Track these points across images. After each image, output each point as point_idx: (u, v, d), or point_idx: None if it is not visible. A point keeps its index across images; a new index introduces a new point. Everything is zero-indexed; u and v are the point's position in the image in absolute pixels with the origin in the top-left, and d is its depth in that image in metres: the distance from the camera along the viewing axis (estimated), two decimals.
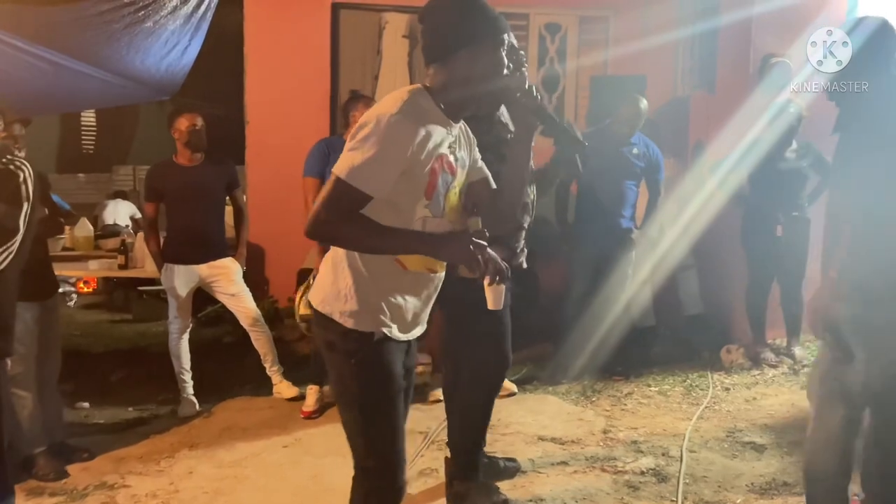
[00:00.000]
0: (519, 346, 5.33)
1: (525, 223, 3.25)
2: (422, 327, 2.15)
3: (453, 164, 2.01)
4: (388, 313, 2.00)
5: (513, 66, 2.83)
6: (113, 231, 8.05)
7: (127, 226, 8.76)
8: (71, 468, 3.61)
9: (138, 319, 7.05)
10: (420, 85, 2.00)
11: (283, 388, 4.62)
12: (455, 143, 2.02)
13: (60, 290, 4.33)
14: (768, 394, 4.57)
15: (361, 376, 2.01)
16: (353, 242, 1.93)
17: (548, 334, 5.31)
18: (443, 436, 3.52)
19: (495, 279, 1.92)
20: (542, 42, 6.54)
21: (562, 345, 4.93)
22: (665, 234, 5.32)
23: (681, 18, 6.17)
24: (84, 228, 6.40)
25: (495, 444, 3.81)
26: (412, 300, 2.05)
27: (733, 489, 3.31)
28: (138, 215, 9.09)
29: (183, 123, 4.38)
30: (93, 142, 13.60)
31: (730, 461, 3.62)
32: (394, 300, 2.01)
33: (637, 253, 5.02)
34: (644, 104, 4.89)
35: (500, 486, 3.30)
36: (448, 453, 3.33)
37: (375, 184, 1.84)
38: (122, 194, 9.94)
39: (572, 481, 3.42)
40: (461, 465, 3.21)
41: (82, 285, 8.26)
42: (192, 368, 4.55)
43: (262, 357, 4.65)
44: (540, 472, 3.51)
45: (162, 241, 4.55)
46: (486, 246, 1.88)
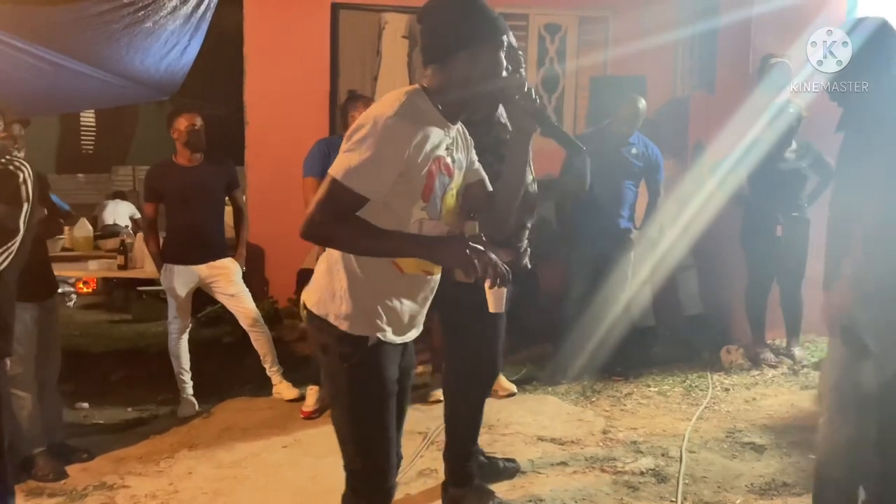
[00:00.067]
0: (518, 347, 5.40)
1: (528, 223, 3.23)
2: (418, 329, 2.13)
3: (450, 166, 1.99)
4: (383, 316, 1.99)
5: (511, 66, 2.83)
6: (112, 231, 8.05)
7: (126, 226, 8.76)
8: (70, 469, 3.61)
9: (138, 320, 7.05)
10: (418, 86, 1.98)
11: (283, 389, 4.62)
12: (452, 144, 2.00)
13: (60, 290, 4.33)
14: (768, 394, 4.57)
15: (354, 380, 2.00)
16: (349, 245, 1.91)
17: (547, 334, 5.31)
18: (442, 436, 3.51)
19: (496, 282, 1.90)
20: (541, 42, 6.54)
21: (561, 345, 4.93)
22: (665, 234, 5.33)
23: (680, 19, 6.17)
24: (83, 229, 6.40)
25: (495, 444, 3.81)
26: (408, 303, 2.03)
27: (733, 489, 3.31)
28: (138, 215, 9.10)
29: (182, 123, 4.38)
30: (92, 142, 13.61)
31: (729, 461, 3.62)
32: (389, 303, 1.99)
33: (636, 253, 5.02)
34: (643, 104, 4.89)
35: (500, 487, 3.30)
36: None
37: (372, 186, 1.83)
38: (121, 195, 9.94)
39: (572, 482, 3.42)
40: (455, 470, 3.19)
41: (82, 286, 8.26)
42: (191, 369, 4.55)
43: (261, 357, 4.65)
44: (539, 473, 3.51)
45: (161, 241, 4.55)
46: (484, 250, 1.86)
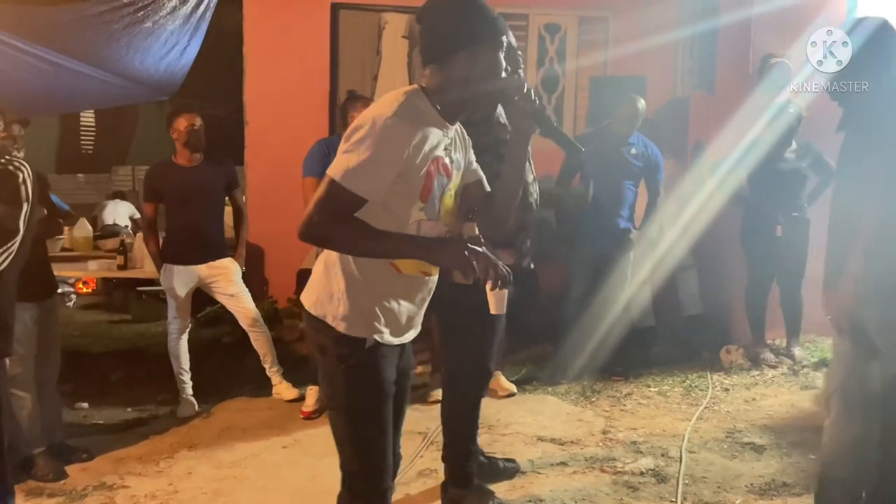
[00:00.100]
0: (518, 347, 5.40)
1: (529, 223, 3.22)
2: (416, 330, 2.12)
3: (449, 166, 1.98)
4: (381, 318, 1.98)
5: (510, 67, 2.83)
6: (112, 231, 8.05)
7: (126, 226, 8.76)
8: (70, 469, 3.60)
9: (137, 320, 7.05)
10: (416, 86, 1.97)
11: (282, 389, 4.61)
12: (451, 145, 1.99)
13: (59, 290, 4.33)
14: (768, 394, 4.56)
15: (351, 382, 1.99)
16: (347, 246, 1.90)
17: (547, 334, 5.31)
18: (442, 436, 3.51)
19: (498, 284, 1.89)
20: (541, 42, 6.54)
21: (561, 345, 4.93)
22: (665, 234, 5.33)
23: (680, 19, 6.17)
24: (83, 229, 6.40)
25: (494, 444, 3.81)
26: (406, 304, 2.02)
27: (732, 490, 3.31)
28: (137, 215, 9.09)
29: (182, 124, 4.37)
30: (92, 142, 13.61)
31: (729, 462, 3.62)
32: (387, 304, 1.98)
33: (636, 253, 5.02)
34: (642, 104, 4.89)
35: (500, 487, 3.30)
36: None
37: (370, 187, 1.82)
38: (120, 195, 9.94)
39: (571, 482, 3.41)
40: (454, 470, 3.18)
41: (81, 286, 8.26)
42: (191, 369, 4.55)
43: (261, 357, 4.65)
44: (539, 473, 3.51)
45: (161, 241, 4.55)
46: (482, 251, 1.85)
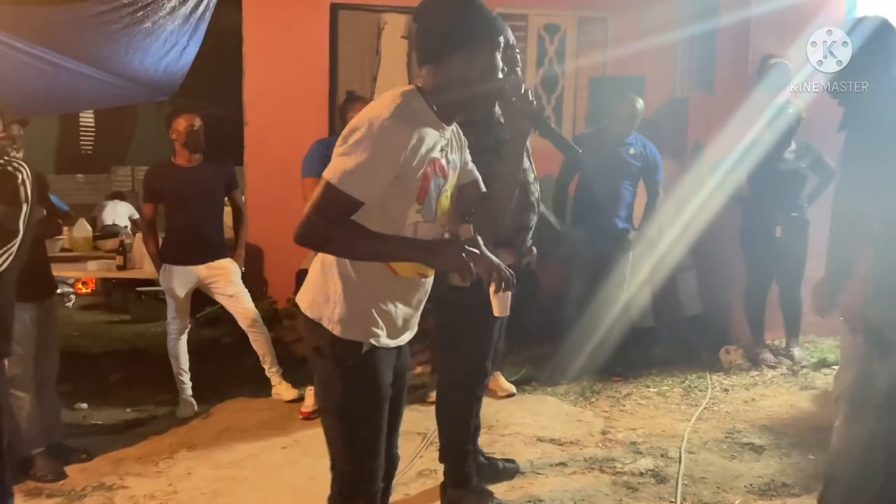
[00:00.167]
0: (518, 347, 5.40)
1: (531, 223, 3.21)
2: (412, 332, 2.12)
3: (445, 167, 1.97)
4: (377, 321, 1.97)
5: (508, 66, 2.82)
6: (112, 232, 8.04)
7: (126, 226, 8.76)
8: (69, 469, 3.60)
9: (137, 320, 7.05)
10: (413, 86, 1.95)
11: (282, 390, 4.61)
12: (447, 145, 1.98)
13: (59, 290, 4.33)
14: (767, 395, 4.56)
15: (347, 385, 1.98)
16: (344, 249, 1.89)
17: (547, 335, 5.31)
18: None
19: (501, 286, 1.89)
20: (540, 43, 6.54)
21: (560, 345, 4.93)
22: (664, 234, 5.33)
23: (679, 19, 6.17)
24: (82, 229, 6.40)
25: (494, 444, 3.80)
26: (402, 307, 2.02)
27: (732, 490, 3.31)
28: (137, 216, 9.09)
29: (181, 124, 4.37)
30: (91, 142, 13.60)
31: (728, 462, 3.62)
32: (384, 307, 1.98)
33: (635, 254, 5.01)
34: (640, 104, 4.89)
35: (499, 488, 3.29)
36: None
37: (367, 189, 1.81)
38: (119, 195, 9.91)
39: (571, 482, 3.41)
40: (453, 470, 3.18)
41: (81, 286, 8.26)
42: (190, 369, 4.55)
43: (260, 358, 4.64)
44: (539, 473, 3.51)
45: (160, 241, 4.54)
46: (479, 253, 1.84)
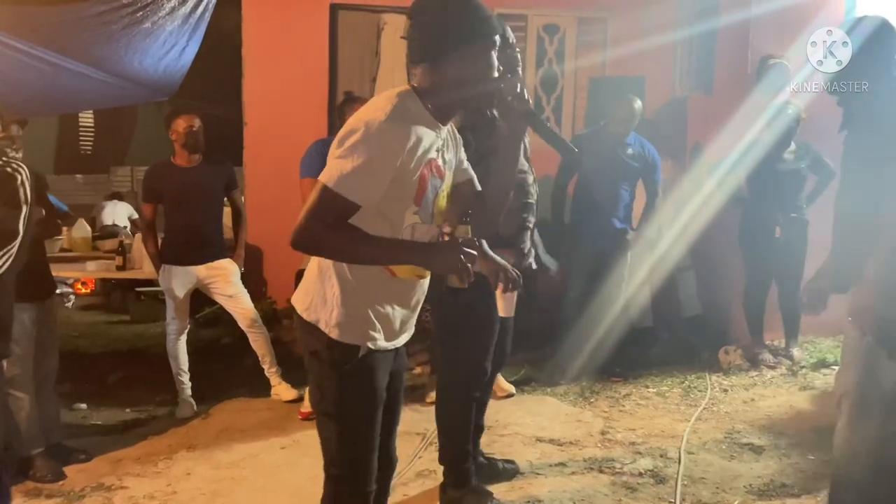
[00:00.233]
0: (517, 347, 5.35)
1: (530, 224, 3.21)
2: (409, 333, 2.11)
3: (442, 167, 1.96)
4: (375, 324, 1.96)
5: (508, 66, 2.82)
6: (111, 232, 8.05)
7: (125, 227, 8.75)
8: (68, 469, 3.60)
9: (136, 320, 7.05)
10: (408, 86, 1.94)
11: (281, 390, 4.61)
12: (443, 145, 1.97)
13: (58, 291, 4.33)
14: (766, 395, 4.57)
15: (343, 389, 1.97)
16: (341, 253, 1.87)
17: (546, 335, 5.31)
18: None
19: (508, 287, 1.88)
20: (540, 43, 6.54)
21: (560, 346, 4.93)
22: (663, 235, 5.33)
23: (679, 20, 6.17)
24: (82, 229, 6.40)
25: (493, 444, 3.80)
26: (400, 309, 2.01)
27: (731, 490, 3.31)
28: (136, 216, 9.08)
29: (181, 125, 4.37)
30: (91, 143, 13.58)
31: (728, 462, 3.62)
32: (381, 309, 1.96)
33: (633, 254, 5.01)
34: (638, 104, 4.89)
35: (498, 488, 3.30)
36: None
37: (365, 193, 1.79)
38: (118, 195, 9.90)
39: (570, 483, 3.41)
40: (453, 471, 3.18)
41: (80, 286, 8.25)
42: (189, 370, 4.55)
43: (260, 358, 4.64)
44: (538, 474, 3.51)
45: (160, 242, 4.54)
46: (477, 254, 1.83)
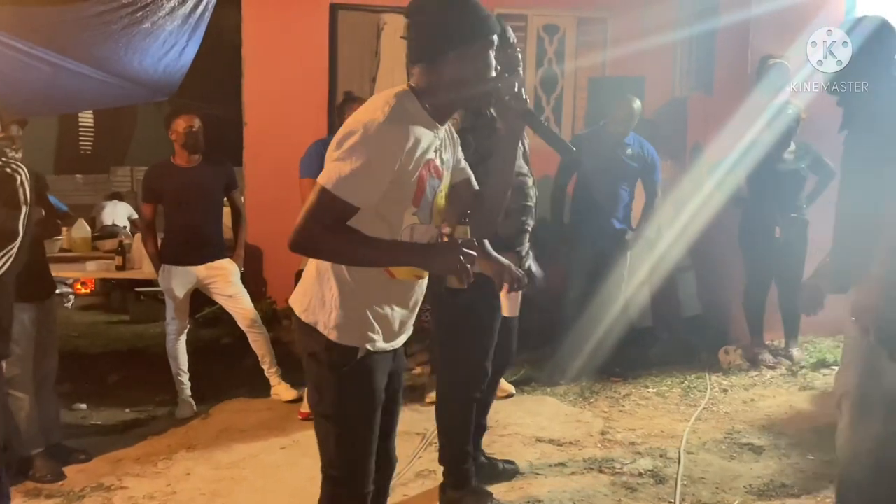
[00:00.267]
0: (517, 347, 5.37)
1: (529, 227, 3.19)
2: (408, 334, 2.11)
3: (440, 167, 1.96)
4: (373, 325, 1.95)
5: (510, 66, 2.82)
6: (111, 232, 8.04)
7: (125, 227, 8.75)
8: (68, 470, 3.60)
9: (136, 321, 7.04)
10: (406, 87, 1.94)
11: (281, 390, 4.61)
12: (441, 145, 1.97)
13: (58, 291, 4.32)
14: (766, 395, 4.57)
15: (341, 391, 1.97)
16: (340, 256, 1.87)
17: (546, 335, 5.31)
18: None
19: (513, 287, 1.88)
20: (540, 43, 6.54)
21: (560, 346, 4.93)
22: (663, 235, 5.33)
23: (679, 20, 6.17)
24: (81, 230, 6.40)
25: (493, 445, 3.80)
26: (399, 309, 2.00)
27: (731, 490, 3.31)
28: (136, 216, 9.07)
29: (180, 125, 4.37)
30: (91, 143, 13.59)
31: (727, 463, 3.62)
32: (381, 310, 1.96)
33: (633, 254, 5.01)
34: (637, 104, 4.89)
35: (498, 488, 3.29)
36: None
37: (363, 195, 1.78)
38: (117, 195, 9.90)
39: (570, 483, 3.41)
40: (451, 473, 3.18)
41: (80, 286, 8.25)
42: (189, 370, 4.55)
43: (259, 358, 4.64)
44: (538, 474, 3.51)
45: (160, 242, 4.54)
46: (476, 255, 1.82)
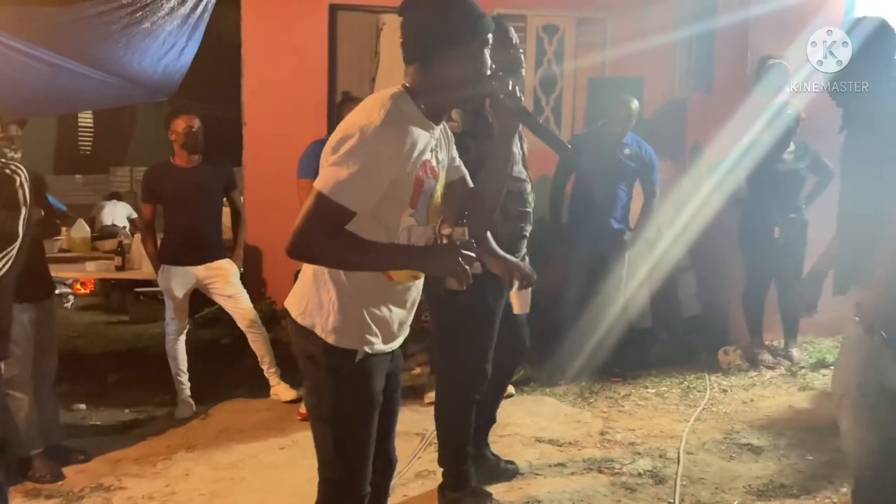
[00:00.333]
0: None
1: (527, 232, 3.18)
2: (406, 334, 2.10)
3: (436, 167, 1.95)
4: (372, 327, 1.94)
5: (510, 65, 2.83)
6: (110, 232, 8.05)
7: (124, 227, 8.75)
8: (67, 470, 3.60)
9: (135, 321, 7.04)
10: (401, 87, 1.93)
11: (280, 391, 4.61)
12: (436, 145, 1.97)
13: (57, 291, 4.32)
14: (766, 395, 4.57)
15: (339, 394, 1.96)
16: (338, 261, 1.86)
17: (545, 336, 5.30)
18: None
19: (524, 284, 1.88)
20: (539, 43, 6.55)
21: (559, 346, 4.93)
22: (663, 235, 5.33)
23: (678, 20, 6.18)
24: (81, 230, 6.40)
25: (493, 445, 3.77)
26: (397, 310, 2.00)
27: (730, 491, 3.31)
28: (136, 216, 9.07)
29: (180, 125, 4.37)
30: (90, 143, 13.59)
31: (727, 463, 3.62)
32: (379, 312, 1.95)
33: (631, 254, 5.01)
34: (635, 104, 4.89)
35: (497, 488, 3.29)
36: None
37: (361, 200, 1.78)
38: (116, 195, 9.90)
39: (570, 483, 3.41)
40: (450, 474, 3.17)
41: (79, 287, 8.25)
42: (189, 370, 4.55)
43: (259, 359, 4.64)
44: (537, 474, 3.51)
45: (159, 242, 4.54)
46: (474, 257, 1.82)
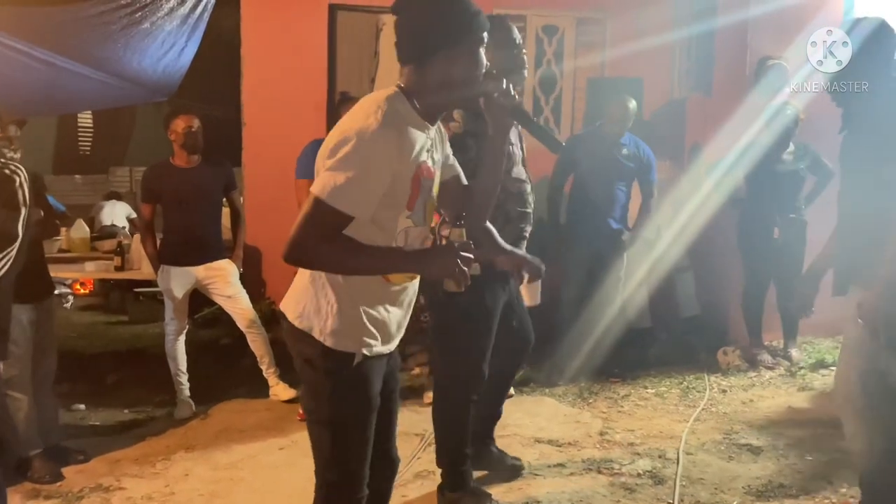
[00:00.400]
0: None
1: (527, 233, 3.18)
2: (403, 332, 2.09)
3: (432, 168, 1.95)
4: (370, 329, 1.94)
5: (513, 66, 2.84)
6: (109, 232, 8.04)
7: (124, 227, 8.74)
8: (66, 470, 3.60)
9: (135, 321, 7.04)
10: (396, 88, 1.93)
11: (279, 390, 4.61)
12: (432, 145, 1.96)
13: (57, 291, 4.32)
14: (765, 396, 4.57)
15: (337, 397, 1.95)
16: (336, 266, 1.85)
17: (544, 336, 5.29)
18: None
19: (534, 277, 1.88)
20: (539, 44, 6.55)
21: (558, 346, 4.93)
22: (662, 235, 5.33)
23: (677, 20, 6.18)
24: (80, 230, 6.40)
25: None
26: (395, 310, 1.99)
27: (730, 491, 3.31)
28: (135, 216, 9.07)
29: (179, 125, 4.37)
30: (89, 143, 13.57)
31: (726, 463, 3.62)
32: (377, 313, 1.95)
33: (629, 254, 5.02)
34: (633, 105, 4.88)
35: (497, 489, 3.29)
36: None
37: (359, 205, 1.77)
38: (115, 195, 9.89)
39: (569, 483, 3.42)
40: (448, 475, 3.17)
41: (79, 287, 8.25)
42: (188, 370, 4.55)
43: (258, 359, 4.64)
44: (537, 475, 3.51)
45: (158, 242, 4.54)
46: (473, 258, 1.81)
